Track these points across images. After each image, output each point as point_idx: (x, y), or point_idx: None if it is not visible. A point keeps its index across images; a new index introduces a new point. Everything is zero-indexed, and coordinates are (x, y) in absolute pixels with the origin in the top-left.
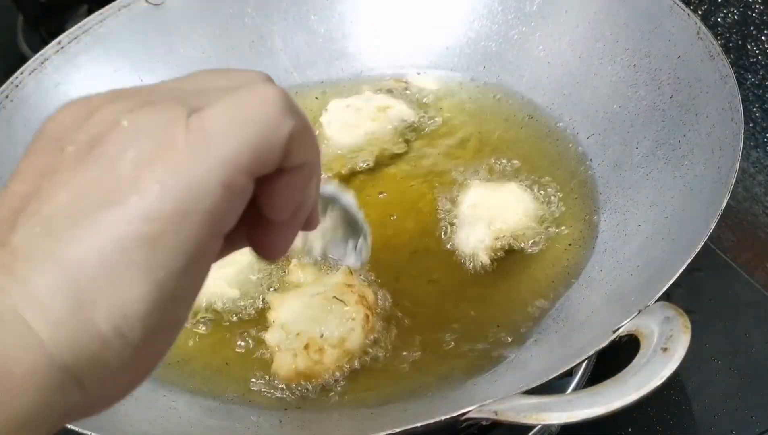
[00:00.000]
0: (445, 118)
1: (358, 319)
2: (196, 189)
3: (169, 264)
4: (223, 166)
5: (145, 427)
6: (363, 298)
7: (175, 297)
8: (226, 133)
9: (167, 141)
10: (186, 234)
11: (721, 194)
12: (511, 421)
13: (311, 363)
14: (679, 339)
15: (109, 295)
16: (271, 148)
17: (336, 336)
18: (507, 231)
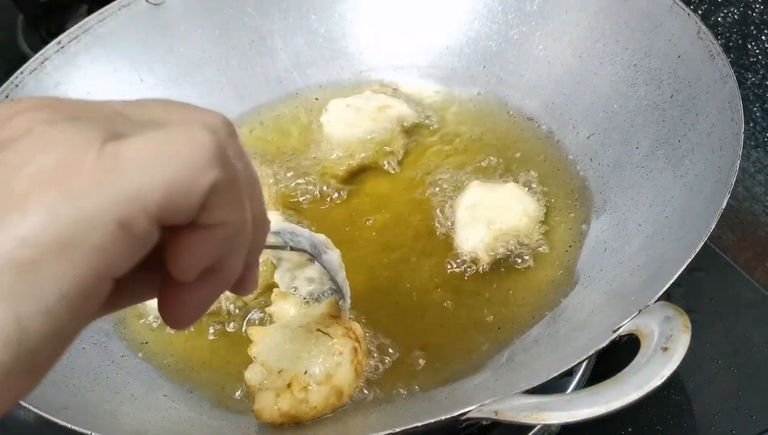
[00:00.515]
0: (445, 117)
1: (345, 352)
2: (86, 220)
3: (38, 298)
4: (124, 202)
5: (146, 427)
6: (350, 330)
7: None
8: (138, 167)
9: (73, 162)
10: (64, 268)
11: (722, 194)
12: (511, 421)
13: (296, 403)
14: (679, 339)
15: None
16: (186, 197)
17: (321, 372)
18: (506, 231)
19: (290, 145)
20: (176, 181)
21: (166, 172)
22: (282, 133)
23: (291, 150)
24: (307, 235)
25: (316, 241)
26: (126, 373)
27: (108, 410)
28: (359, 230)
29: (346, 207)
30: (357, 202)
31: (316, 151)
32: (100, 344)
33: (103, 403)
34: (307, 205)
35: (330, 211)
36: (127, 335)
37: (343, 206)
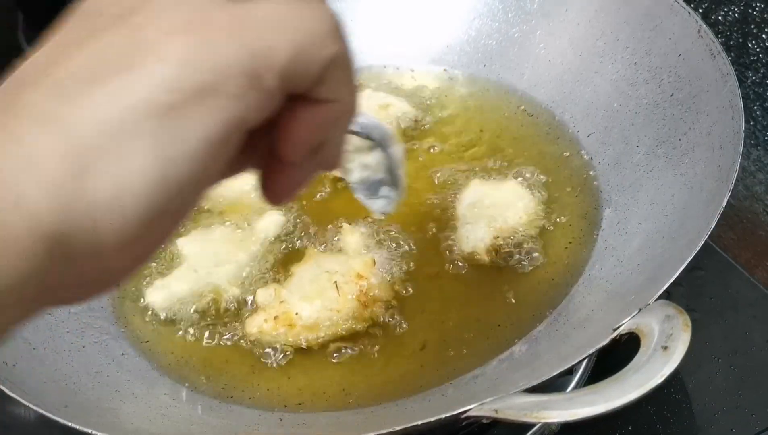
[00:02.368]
0: (445, 116)
1: (344, 312)
2: (222, 68)
3: (181, 142)
4: (255, 55)
5: (146, 425)
6: (363, 293)
7: (182, 182)
8: (266, 27)
9: (203, 17)
10: (205, 113)
11: (722, 193)
12: (511, 420)
13: (273, 332)
14: (679, 337)
15: (111, 164)
16: (309, 63)
17: (310, 320)
18: (507, 229)
19: None
20: (303, 44)
21: (294, 36)
22: None
23: None
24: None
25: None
26: (127, 371)
27: (109, 409)
28: None
29: (346, 204)
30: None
31: None
32: (101, 343)
33: (104, 401)
34: (307, 201)
35: (329, 208)
36: (127, 334)
37: (343, 203)
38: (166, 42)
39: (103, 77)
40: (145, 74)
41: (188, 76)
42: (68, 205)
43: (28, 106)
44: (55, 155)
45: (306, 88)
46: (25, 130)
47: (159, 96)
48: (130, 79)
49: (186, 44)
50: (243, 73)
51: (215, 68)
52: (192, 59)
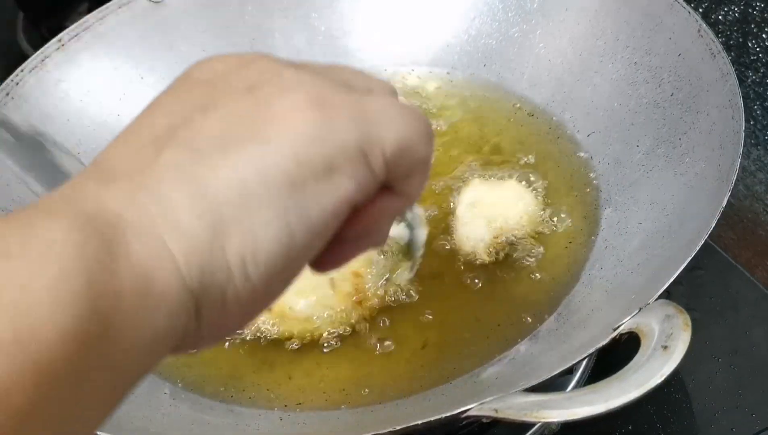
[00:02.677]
0: (445, 115)
1: (338, 309)
2: (344, 147)
3: (306, 214)
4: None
5: (146, 425)
6: (358, 292)
7: (301, 251)
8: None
9: (325, 98)
10: (327, 188)
11: (722, 192)
12: (511, 419)
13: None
14: (679, 337)
15: (243, 228)
16: (407, 158)
17: (302, 315)
18: (507, 229)
19: None
20: (408, 139)
21: (402, 130)
22: None
23: None
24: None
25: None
26: None
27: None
28: None
29: None
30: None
31: None
32: None
33: None
34: None
35: None
36: None
37: None
38: (293, 117)
39: (237, 143)
40: (277, 145)
41: (316, 152)
42: (204, 265)
43: (166, 167)
44: (194, 214)
45: (394, 180)
46: (165, 189)
47: (290, 167)
48: (263, 148)
49: (313, 121)
50: (360, 155)
51: (339, 146)
52: (319, 136)
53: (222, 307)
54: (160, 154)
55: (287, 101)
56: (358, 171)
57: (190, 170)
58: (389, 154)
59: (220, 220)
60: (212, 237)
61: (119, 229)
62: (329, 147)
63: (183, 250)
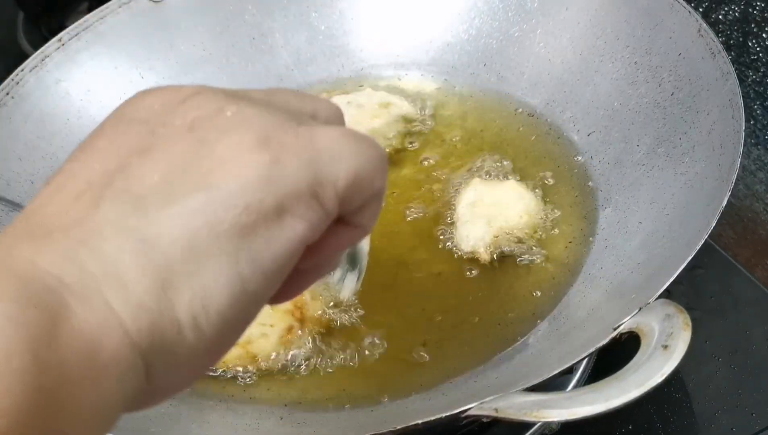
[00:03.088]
0: (445, 115)
1: (277, 327)
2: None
3: (258, 260)
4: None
5: (146, 425)
6: (297, 309)
7: (255, 298)
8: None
9: (273, 137)
10: (279, 233)
11: (722, 192)
12: (511, 419)
13: None
14: (679, 336)
15: (193, 282)
16: (360, 192)
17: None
18: (507, 229)
19: None
20: (360, 173)
21: (354, 165)
22: None
23: None
24: None
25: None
26: None
27: None
28: None
29: None
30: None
31: None
32: None
33: None
34: None
35: None
36: None
37: None
38: (240, 160)
39: (181, 192)
40: (224, 192)
41: (266, 196)
42: (153, 324)
43: (105, 221)
44: (139, 271)
45: (348, 213)
46: (106, 246)
47: (239, 215)
48: (209, 196)
49: (261, 163)
50: (312, 195)
51: (289, 188)
52: (268, 178)
53: (174, 364)
54: (97, 205)
55: (232, 143)
56: (310, 211)
57: (131, 223)
58: (341, 190)
59: (167, 276)
60: (160, 294)
61: (59, 294)
62: (279, 190)
63: (130, 311)
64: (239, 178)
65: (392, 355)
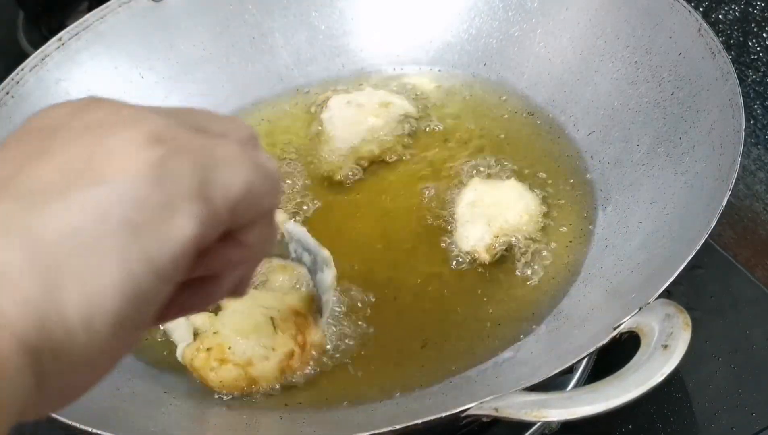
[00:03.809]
0: (446, 114)
1: (279, 351)
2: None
3: (150, 256)
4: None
5: (146, 423)
6: (301, 333)
7: (148, 297)
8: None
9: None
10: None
11: (722, 191)
12: (511, 418)
13: (206, 366)
14: (679, 336)
15: (81, 280)
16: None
17: (243, 356)
18: (507, 229)
19: (291, 142)
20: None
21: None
22: (283, 129)
23: (292, 147)
24: (312, 248)
25: (317, 257)
26: (126, 370)
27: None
28: (359, 226)
29: (347, 203)
30: (357, 198)
31: (316, 148)
32: None
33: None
34: (308, 201)
35: (330, 206)
36: None
37: (344, 202)
38: (130, 154)
39: (70, 187)
40: (112, 186)
41: (155, 191)
42: (41, 322)
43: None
44: (26, 268)
45: (238, 228)
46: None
47: (128, 209)
48: (97, 190)
49: (150, 158)
50: (203, 197)
51: (179, 187)
52: (158, 174)
53: (68, 366)
54: None
55: (124, 137)
56: (202, 212)
57: (19, 220)
58: (234, 198)
59: (55, 271)
60: (48, 291)
61: None
62: (169, 186)
63: (16, 308)
64: (128, 172)
65: (392, 356)
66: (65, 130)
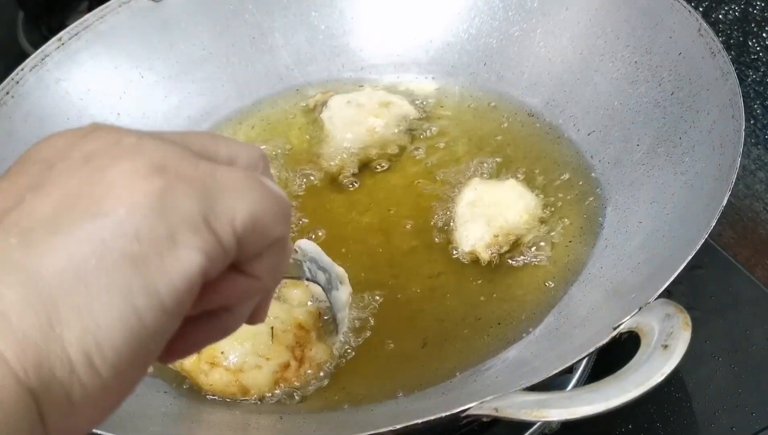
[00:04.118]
0: (446, 114)
1: (273, 361)
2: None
3: (153, 291)
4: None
5: (146, 423)
6: (300, 347)
7: (152, 333)
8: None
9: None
10: (175, 261)
11: (722, 191)
12: (511, 418)
13: (197, 369)
14: (679, 336)
15: (82, 316)
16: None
17: (235, 362)
18: (507, 228)
19: (291, 142)
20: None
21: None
22: (283, 129)
23: (292, 147)
24: (327, 265)
25: (332, 274)
26: None
27: None
28: (360, 226)
29: (347, 203)
30: (357, 198)
31: (316, 148)
32: None
33: None
34: (308, 201)
35: (331, 207)
36: None
37: (344, 202)
38: (131, 185)
39: (70, 221)
40: (113, 219)
41: (158, 223)
42: (41, 361)
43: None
44: (24, 307)
45: (245, 259)
46: None
47: (130, 243)
48: (97, 224)
49: (153, 189)
50: (207, 227)
51: (183, 217)
52: (160, 205)
53: (69, 406)
54: None
55: (124, 169)
56: (206, 243)
57: (18, 255)
58: (240, 228)
59: (54, 309)
60: (47, 329)
61: None
62: (172, 218)
63: (15, 347)
64: (129, 204)
65: (392, 355)
66: (64, 161)
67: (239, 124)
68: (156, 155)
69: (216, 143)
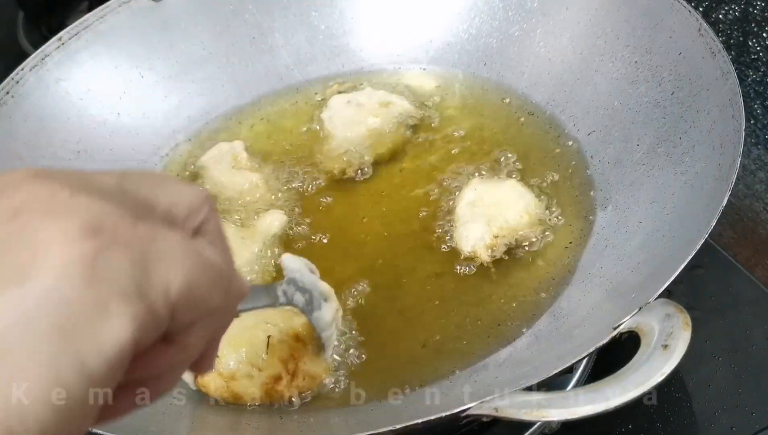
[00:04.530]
0: (445, 114)
1: (265, 372)
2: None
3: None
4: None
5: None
6: (294, 360)
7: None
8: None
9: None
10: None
11: (722, 191)
12: (511, 418)
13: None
14: (679, 336)
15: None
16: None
17: (228, 368)
18: (507, 228)
19: (291, 142)
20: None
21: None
22: (283, 129)
23: (292, 146)
24: (309, 284)
25: (314, 294)
26: None
27: None
28: (359, 226)
29: (347, 203)
30: (357, 198)
31: (316, 148)
32: None
33: None
34: (308, 201)
35: (331, 207)
36: None
37: (344, 202)
38: (61, 249)
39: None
40: (39, 284)
41: (86, 292)
42: None
43: None
44: None
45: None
46: None
47: (57, 310)
48: (22, 289)
49: (83, 254)
50: (140, 296)
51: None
52: (91, 272)
53: None
54: None
55: (56, 228)
56: (139, 313)
57: None
58: (174, 298)
59: None
60: None
61: None
62: (104, 285)
63: None
64: (58, 269)
65: (392, 356)
66: None
67: (239, 124)
68: (90, 214)
69: (155, 190)
